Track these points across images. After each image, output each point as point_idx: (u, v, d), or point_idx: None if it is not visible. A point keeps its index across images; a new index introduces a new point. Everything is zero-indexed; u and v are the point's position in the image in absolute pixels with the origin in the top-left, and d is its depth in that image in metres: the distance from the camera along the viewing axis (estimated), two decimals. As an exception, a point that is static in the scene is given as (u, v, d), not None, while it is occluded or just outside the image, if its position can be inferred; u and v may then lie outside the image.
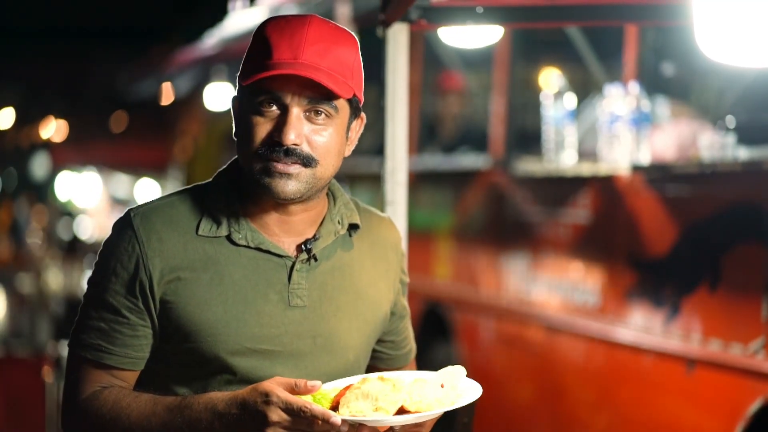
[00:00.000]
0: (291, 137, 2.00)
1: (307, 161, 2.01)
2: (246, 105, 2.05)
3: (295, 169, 2.01)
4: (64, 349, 6.01)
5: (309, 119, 2.03)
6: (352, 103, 2.08)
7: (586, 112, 5.34)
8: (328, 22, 2.07)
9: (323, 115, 2.03)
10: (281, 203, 2.06)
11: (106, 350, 2.05)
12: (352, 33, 2.12)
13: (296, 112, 2.01)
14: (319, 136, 2.03)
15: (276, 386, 1.88)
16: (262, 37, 2.06)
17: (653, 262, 4.30)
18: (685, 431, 4.10)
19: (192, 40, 12.08)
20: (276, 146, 2.00)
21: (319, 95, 2.02)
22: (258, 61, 2.03)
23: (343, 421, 1.87)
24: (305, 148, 2.01)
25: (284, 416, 1.86)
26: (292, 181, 2.01)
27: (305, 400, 1.86)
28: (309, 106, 2.02)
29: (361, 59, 2.11)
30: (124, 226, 2.08)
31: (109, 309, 2.05)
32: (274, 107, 2.02)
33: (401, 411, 1.92)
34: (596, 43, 5.24)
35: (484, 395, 1.98)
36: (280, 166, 2.00)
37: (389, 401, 1.90)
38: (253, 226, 2.08)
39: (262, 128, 2.02)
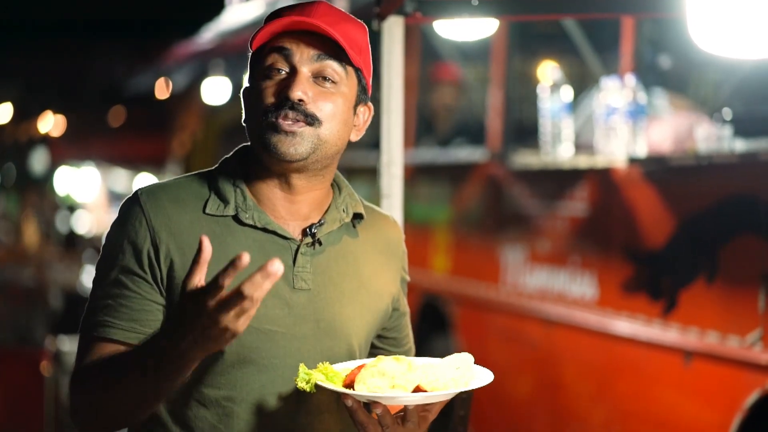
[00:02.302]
0: (298, 93, 2.01)
1: (311, 120, 2.03)
2: (255, 74, 2.07)
3: (299, 126, 2.02)
4: (62, 344, 6.02)
5: (317, 83, 2.05)
6: (361, 82, 2.11)
7: (582, 104, 5.34)
8: (338, 8, 2.11)
9: (330, 81, 2.05)
10: (286, 176, 2.08)
11: (111, 324, 2.03)
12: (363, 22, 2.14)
13: (305, 71, 2.03)
14: (326, 100, 2.05)
15: (191, 288, 1.78)
16: (273, 14, 2.08)
17: (650, 254, 4.30)
18: (683, 423, 4.11)
19: (190, 34, 12.09)
20: (283, 102, 2.02)
21: (328, 52, 2.04)
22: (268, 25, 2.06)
23: (355, 398, 1.88)
24: (310, 107, 2.03)
25: (212, 303, 1.75)
26: (297, 139, 2.02)
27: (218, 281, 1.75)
28: (318, 65, 2.04)
29: (370, 48, 2.13)
30: (132, 204, 2.08)
31: (117, 284, 2.04)
32: (283, 72, 2.04)
33: (417, 391, 1.92)
34: (593, 35, 5.24)
35: (482, 388, 1.98)
36: (285, 124, 2.01)
37: (406, 380, 1.90)
38: (259, 207, 2.09)
39: (270, 90, 2.04)
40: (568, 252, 4.84)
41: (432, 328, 5.99)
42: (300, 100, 2.02)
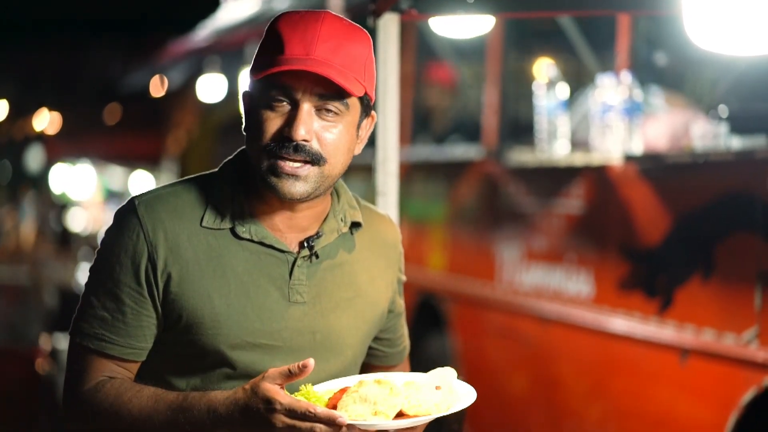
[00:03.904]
0: (301, 133, 1.97)
1: (316, 159, 1.99)
2: (257, 99, 2.03)
3: (304, 170, 1.99)
4: (57, 342, 6.02)
5: (320, 116, 2.00)
6: (363, 101, 2.06)
7: (578, 102, 5.33)
8: (342, 18, 2.05)
9: (334, 112, 2.01)
10: (287, 201, 2.05)
11: (109, 340, 2.03)
12: (365, 30, 2.09)
13: (307, 107, 1.99)
14: (329, 134, 2.01)
15: (277, 390, 1.85)
16: (276, 31, 2.02)
17: (646, 252, 4.30)
18: (679, 421, 4.11)
19: (185, 31, 12.09)
20: (285, 142, 1.98)
21: (330, 92, 1.99)
22: (270, 56, 2.00)
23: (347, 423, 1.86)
24: (314, 145, 1.99)
25: (288, 421, 1.84)
26: (300, 182, 1.99)
27: (309, 403, 1.84)
28: (320, 103, 1.99)
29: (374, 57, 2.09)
30: (128, 214, 2.06)
31: (112, 298, 2.03)
32: (285, 103, 1.99)
33: (399, 414, 1.90)
34: (589, 33, 5.23)
35: (478, 386, 1.98)
36: (287, 166, 1.98)
37: (388, 405, 1.88)
38: (256, 220, 2.07)
39: (272, 123, 1.99)
40: (564, 250, 4.83)
41: (428, 326, 5.98)
42: (304, 140, 1.98)
